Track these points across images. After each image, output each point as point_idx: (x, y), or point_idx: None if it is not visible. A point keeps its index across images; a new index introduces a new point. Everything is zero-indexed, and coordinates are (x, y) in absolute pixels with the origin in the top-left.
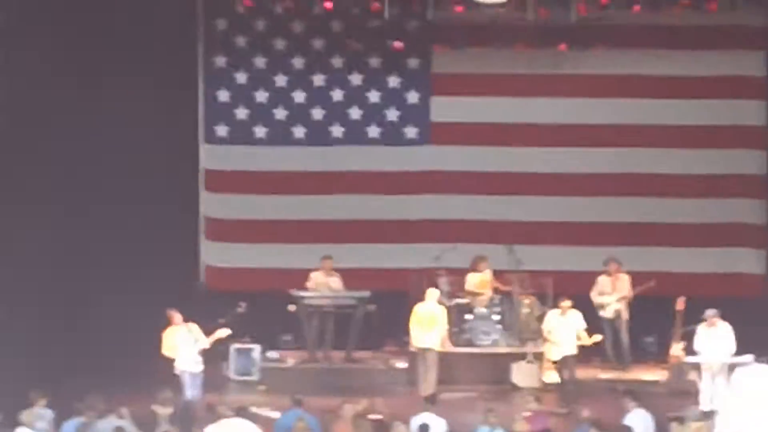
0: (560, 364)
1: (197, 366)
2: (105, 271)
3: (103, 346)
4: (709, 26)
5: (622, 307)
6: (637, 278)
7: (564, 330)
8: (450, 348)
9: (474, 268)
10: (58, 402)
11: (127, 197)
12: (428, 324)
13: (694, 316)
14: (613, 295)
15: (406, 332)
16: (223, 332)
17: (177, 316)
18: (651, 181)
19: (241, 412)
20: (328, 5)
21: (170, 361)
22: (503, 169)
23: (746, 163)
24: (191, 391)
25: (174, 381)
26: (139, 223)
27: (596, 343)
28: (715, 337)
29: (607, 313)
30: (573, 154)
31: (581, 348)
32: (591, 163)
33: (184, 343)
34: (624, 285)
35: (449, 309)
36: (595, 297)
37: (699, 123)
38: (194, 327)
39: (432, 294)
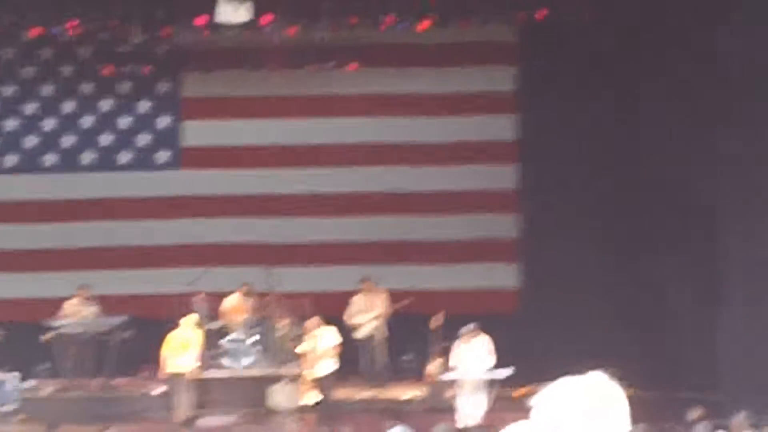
0: (318, 385)
1: None
2: None
3: None
4: (459, 43)
5: (378, 324)
6: (395, 296)
7: (316, 349)
8: (206, 372)
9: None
10: None
11: None
12: (181, 348)
13: (451, 333)
14: (368, 313)
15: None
16: None
17: None
18: (406, 199)
19: None
20: (77, 31)
21: None
22: (257, 191)
23: (497, 178)
24: None
25: None
26: None
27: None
28: (471, 353)
29: (360, 334)
30: (328, 174)
31: (340, 367)
32: (346, 183)
33: None
34: (380, 302)
35: (207, 332)
36: (349, 318)
37: (451, 140)
38: None
39: (189, 319)
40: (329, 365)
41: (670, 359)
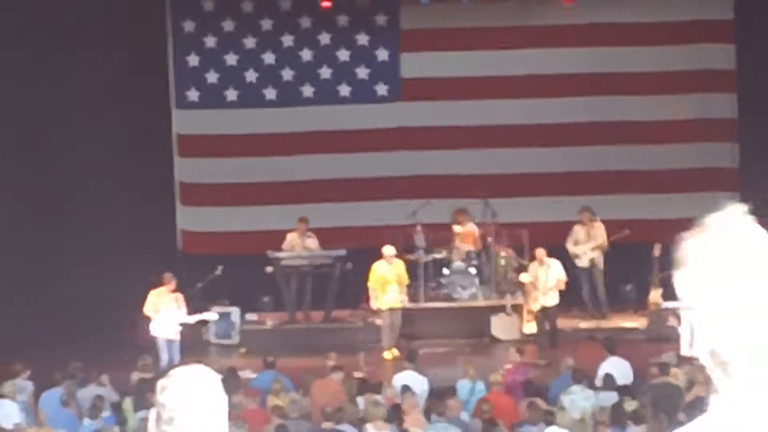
0: (541, 315)
1: (174, 334)
2: (82, 239)
3: (81, 315)
4: None
5: (597, 256)
6: (611, 226)
7: (544, 280)
8: (427, 303)
9: (456, 221)
10: (37, 373)
11: (102, 165)
12: (385, 283)
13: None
14: (587, 244)
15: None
16: (210, 316)
17: (170, 282)
18: (622, 128)
19: (229, 375)
20: None
21: (148, 321)
22: (475, 122)
23: (715, 107)
24: (169, 356)
25: (153, 347)
26: (114, 190)
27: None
28: None
29: (582, 263)
30: (544, 105)
31: (561, 298)
32: (563, 113)
33: (166, 309)
34: (598, 233)
35: (426, 264)
36: (570, 246)
37: (671, 69)
38: (180, 297)
39: (387, 251)
40: (553, 297)
41: None
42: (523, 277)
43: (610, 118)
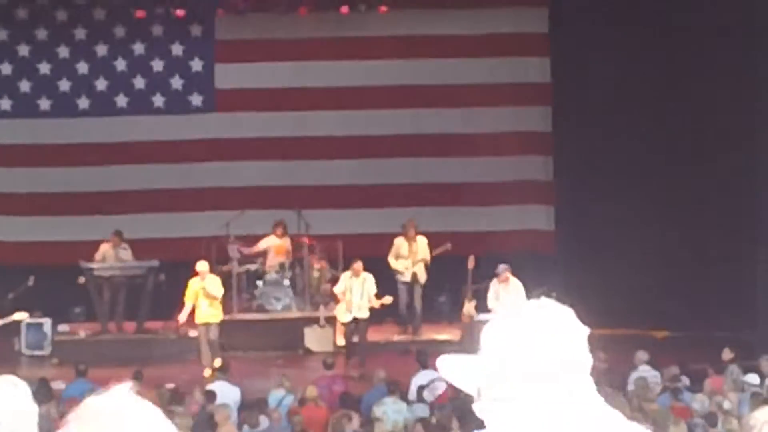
0: (351, 327)
1: None
2: None
3: None
4: None
5: (419, 270)
6: (430, 239)
7: (356, 292)
8: (241, 315)
9: (274, 233)
10: None
11: None
12: (206, 297)
13: (486, 274)
14: (410, 258)
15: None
16: (20, 315)
17: None
18: (440, 141)
19: (41, 385)
20: None
21: None
22: (290, 134)
23: (531, 121)
24: None
25: None
26: None
27: (386, 305)
28: (506, 294)
29: (404, 277)
30: (361, 117)
31: (374, 310)
32: (380, 125)
33: None
34: (422, 248)
35: (239, 275)
36: (392, 261)
37: (484, 81)
38: None
39: (203, 266)
40: (365, 310)
41: (704, 299)
42: (336, 288)
43: (427, 130)
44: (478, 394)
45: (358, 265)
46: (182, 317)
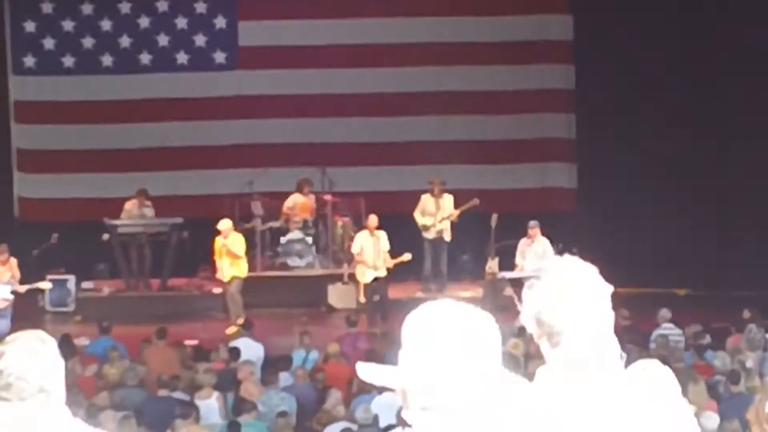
0: (372, 286)
1: (2, 303)
2: None
3: None
4: None
5: (444, 227)
6: (455, 196)
7: (373, 251)
8: (265, 272)
9: (299, 191)
10: None
11: None
12: (229, 256)
13: (509, 233)
14: (437, 215)
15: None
16: (45, 285)
17: (1, 253)
18: (461, 98)
19: (63, 341)
20: None
21: None
22: (313, 91)
23: (554, 79)
24: None
25: None
26: None
27: (405, 263)
28: (532, 252)
29: (430, 235)
30: (385, 74)
31: (397, 266)
32: (405, 83)
33: None
34: (448, 204)
35: (262, 233)
36: (419, 217)
37: (508, 39)
38: (14, 265)
39: (223, 224)
40: (382, 269)
41: (725, 258)
42: (354, 248)
43: (450, 88)
44: (404, 399)
45: (372, 221)
46: (219, 275)
